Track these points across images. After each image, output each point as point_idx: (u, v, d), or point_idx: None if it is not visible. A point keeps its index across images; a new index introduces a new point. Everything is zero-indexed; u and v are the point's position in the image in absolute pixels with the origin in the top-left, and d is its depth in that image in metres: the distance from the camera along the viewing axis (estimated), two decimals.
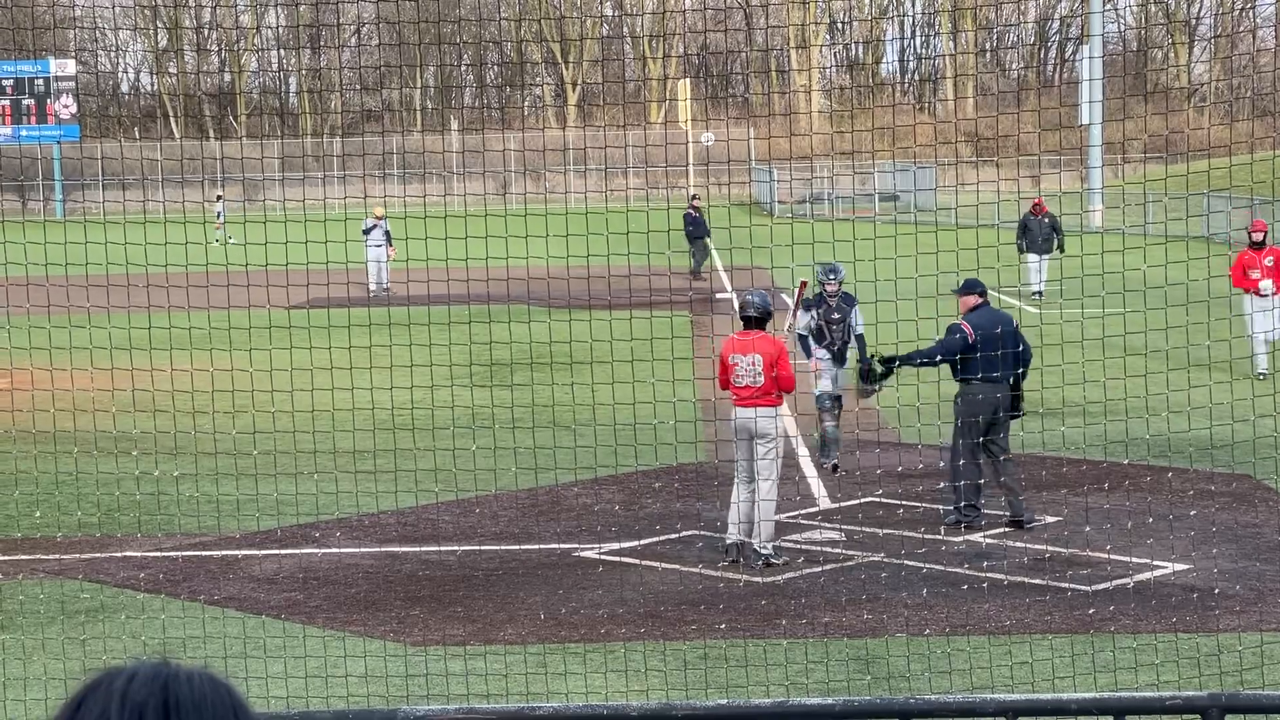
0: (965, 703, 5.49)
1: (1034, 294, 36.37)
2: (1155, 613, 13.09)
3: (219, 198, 59.15)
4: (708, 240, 45.21)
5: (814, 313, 18.82)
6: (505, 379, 25.47)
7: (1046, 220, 36.65)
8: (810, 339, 18.87)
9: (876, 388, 16.93)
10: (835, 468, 18.45)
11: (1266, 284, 24.34)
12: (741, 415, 14.81)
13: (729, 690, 11.38)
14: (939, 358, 16.07)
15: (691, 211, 45.25)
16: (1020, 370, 16.06)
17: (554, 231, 16.53)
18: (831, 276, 18.75)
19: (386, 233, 40.56)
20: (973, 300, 16.28)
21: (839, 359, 18.85)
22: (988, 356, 15.76)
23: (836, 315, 18.81)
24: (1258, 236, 25.46)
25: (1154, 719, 9.49)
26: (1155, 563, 14.53)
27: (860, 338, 18.63)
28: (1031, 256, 36.78)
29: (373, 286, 39.78)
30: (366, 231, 40.41)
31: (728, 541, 14.96)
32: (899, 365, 16.23)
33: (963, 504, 15.93)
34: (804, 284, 17.33)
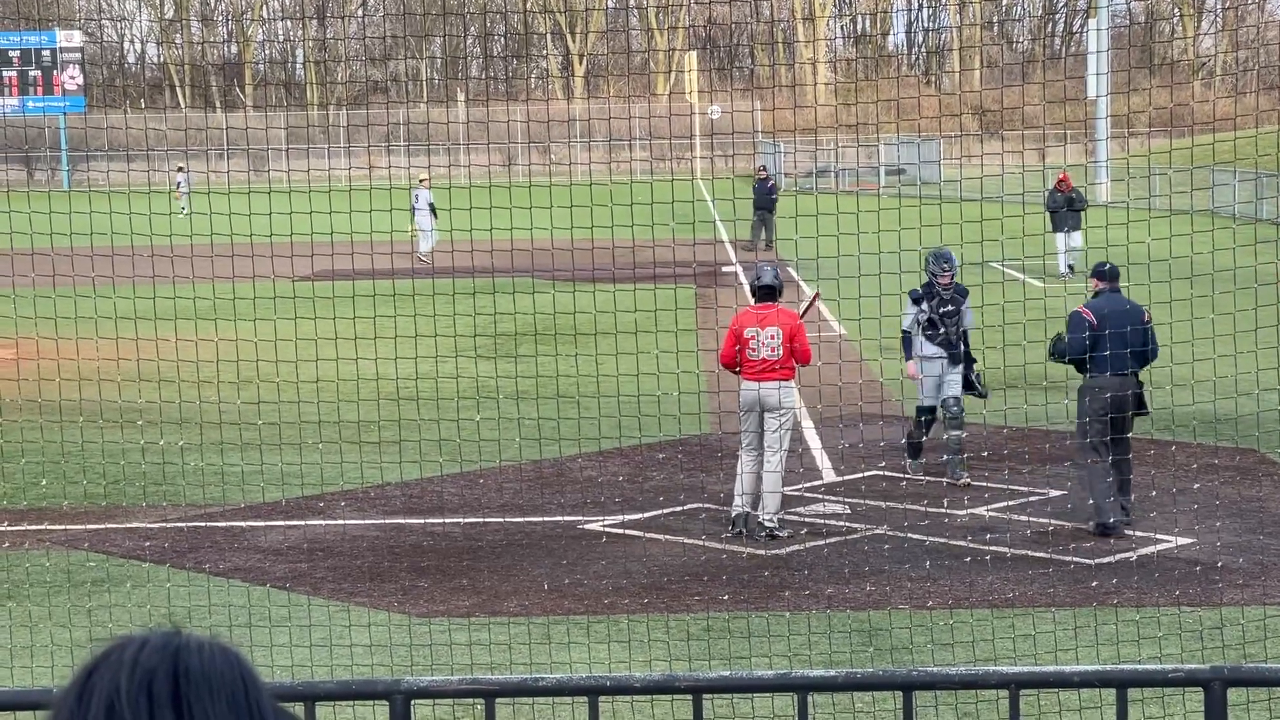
0: (968, 675, 5.50)
1: (1062, 274, 35.26)
2: (1158, 586, 13.11)
3: (180, 169, 58.90)
4: (769, 213, 44.47)
5: (923, 305, 16.97)
6: (511, 351, 25.48)
7: (1074, 195, 35.87)
8: (917, 337, 17.06)
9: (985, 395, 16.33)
10: (968, 484, 16.64)
11: None
12: (753, 388, 14.81)
13: (732, 662, 11.42)
14: (1067, 357, 14.92)
15: (756, 184, 45.30)
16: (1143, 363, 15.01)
17: (560, 204, 16.52)
18: (945, 267, 16.91)
19: (430, 204, 40.66)
20: (1098, 284, 15.30)
21: (955, 357, 17.04)
22: (1113, 345, 14.65)
23: (950, 307, 16.94)
24: None
25: (1156, 692, 9.52)
26: (1159, 536, 14.55)
27: (965, 334, 17.08)
28: (1059, 236, 35.84)
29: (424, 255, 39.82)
30: (431, 204, 40.40)
31: (733, 514, 14.99)
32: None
33: (1106, 507, 14.64)
34: (817, 295, 16.58)
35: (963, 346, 17.04)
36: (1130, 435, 15.01)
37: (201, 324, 19.10)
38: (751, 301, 15.30)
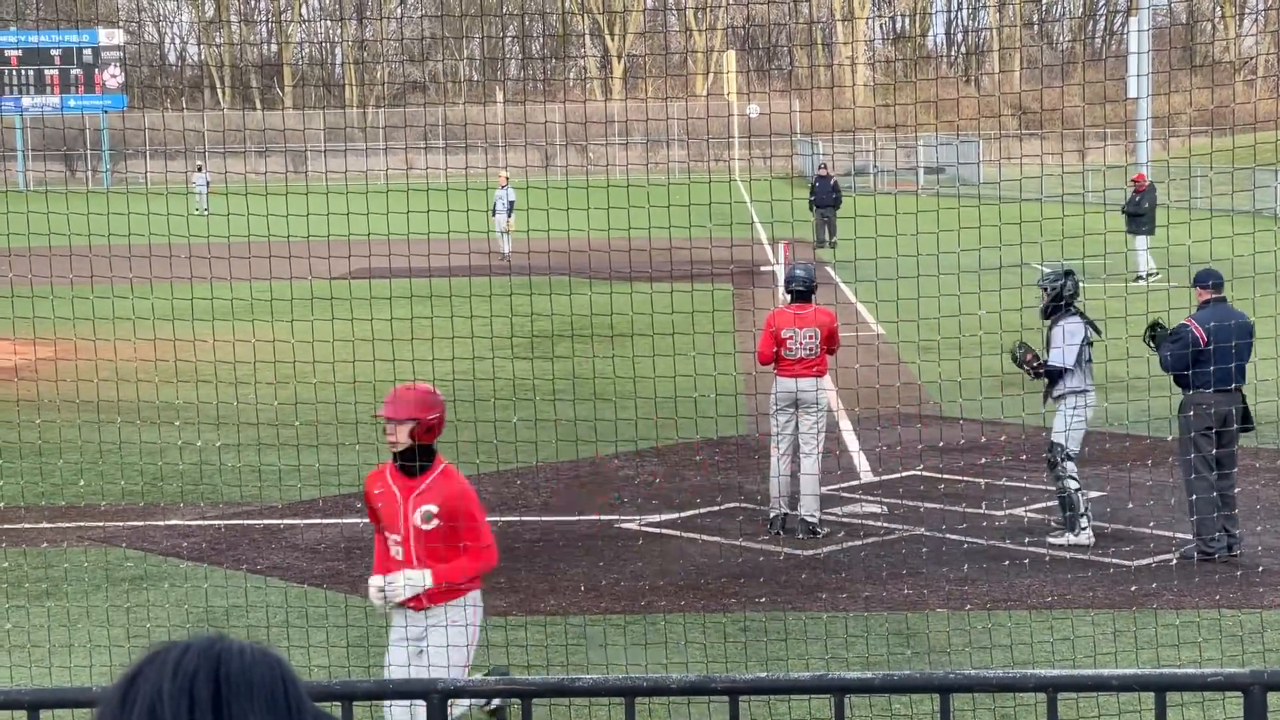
0: (1006, 678, 5.47)
1: (1138, 278, 33.12)
2: (1198, 589, 13.04)
3: (199, 168, 59.07)
4: (832, 210, 44.27)
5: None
6: (547, 350, 25.49)
7: (1141, 195, 34.52)
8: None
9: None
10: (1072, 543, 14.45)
11: None
12: (789, 386, 14.87)
13: (769, 663, 11.39)
14: (1169, 372, 14.06)
15: (816, 181, 45.43)
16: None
17: (598, 203, 16.51)
18: (1040, 284, 15.01)
19: (510, 202, 40.76)
20: (1202, 294, 14.25)
21: (1049, 390, 14.75)
22: (1220, 360, 13.80)
23: (1046, 331, 14.86)
24: None
25: (1196, 696, 9.47)
26: (1191, 536, 14.45)
27: (1052, 369, 14.51)
28: (1141, 239, 34.27)
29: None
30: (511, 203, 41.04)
31: (771, 514, 15.00)
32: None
33: (1216, 534, 13.84)
34: (786, 244, 16.38)
35: (1056, 382, 14.58)
36: (1235, 451, 14.18)
37: (239, 323, 19.17)
38: (787, 301, 15.35)
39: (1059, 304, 14.70)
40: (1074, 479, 14.45)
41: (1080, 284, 14.98)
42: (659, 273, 21.35)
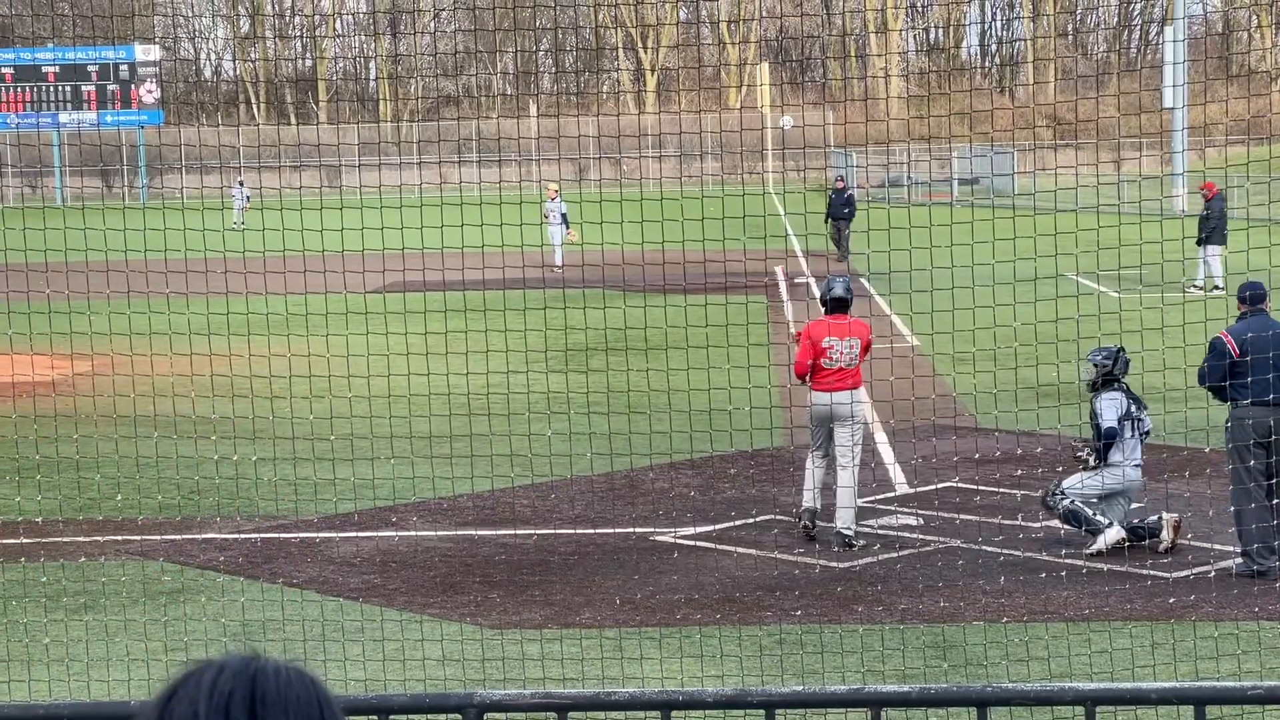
0: (1043, 691, 5.45)
1: (1215, 288, 31.65)
2: (1237, 601, 12.97)
3: (240, 183, 59.29)
4: (846, 223, 44.19)
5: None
6: (582, 363, 25.50)
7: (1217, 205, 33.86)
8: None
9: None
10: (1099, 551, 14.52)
11: None
12: (826, 399, 14.87)
13: (805, 676, 11.37)
14: (1205, 384, 13.99)
15: (831, 194, 45.31)
16: None
17: (631, 216, 16.52)
18: (1090, 359, 15.01)
19: (563, 214, 41.75)
20: (1242, 307, 14.22)
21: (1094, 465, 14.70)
22: (1258, 372, 13.62)
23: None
24: None
25: (1235, 709, 9.41)
26: (1237, 550, 14.38)
27: (1106, 434, 14.57)
28: (1213, 248, 33.04)
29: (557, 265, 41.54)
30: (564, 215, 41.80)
31: (802, 507, 15.02)
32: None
33: (1255, 546, 13.59)
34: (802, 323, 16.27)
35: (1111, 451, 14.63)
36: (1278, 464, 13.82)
37: (275, 337, 19.22)
38: (823, 312, 15.37)
39: (1105, 380, 14.77)
40: (1064, 498, 14.52)
41: (1129, 362, 14.98)
42: (693, 285, 21.35)
